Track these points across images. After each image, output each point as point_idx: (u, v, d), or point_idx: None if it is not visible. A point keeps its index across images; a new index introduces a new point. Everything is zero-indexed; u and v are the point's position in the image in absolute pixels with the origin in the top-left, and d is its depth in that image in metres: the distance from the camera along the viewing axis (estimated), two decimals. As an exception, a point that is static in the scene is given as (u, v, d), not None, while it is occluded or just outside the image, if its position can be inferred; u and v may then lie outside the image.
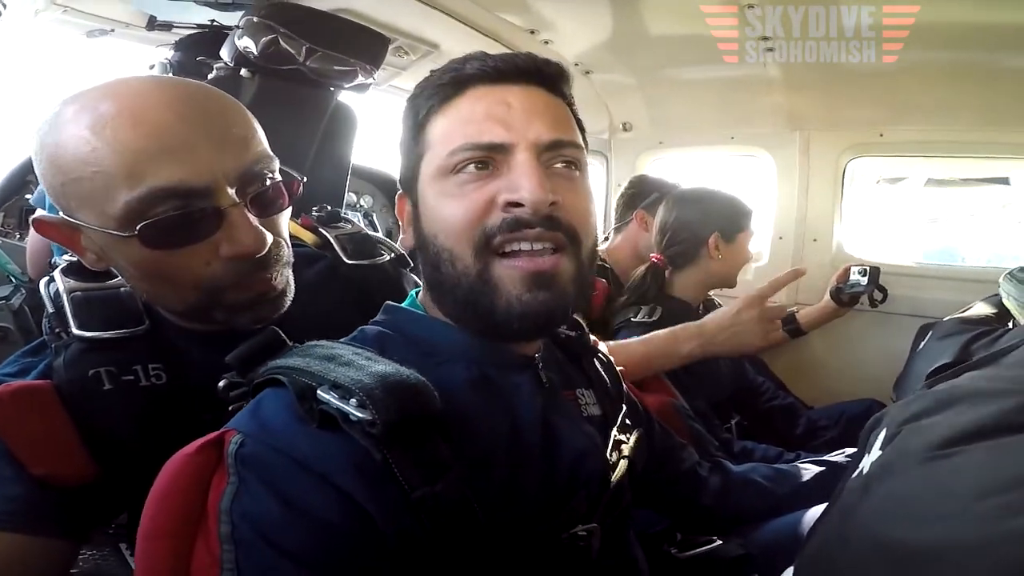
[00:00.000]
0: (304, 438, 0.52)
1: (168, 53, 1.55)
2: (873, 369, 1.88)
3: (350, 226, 1.03)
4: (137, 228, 0.64)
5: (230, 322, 0.74)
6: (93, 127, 0.63)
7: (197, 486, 0.52)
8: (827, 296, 1.95)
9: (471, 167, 0.63)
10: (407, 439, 0.52)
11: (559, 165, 0.65)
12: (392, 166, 2.48)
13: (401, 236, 0.71)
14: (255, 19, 1.27)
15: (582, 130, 0.72)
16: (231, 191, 0.67)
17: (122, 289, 0.75)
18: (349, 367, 0.55)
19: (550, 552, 0.63)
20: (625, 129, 2.37)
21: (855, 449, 1.26)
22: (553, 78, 0.69)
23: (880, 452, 0.63)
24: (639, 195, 2.00)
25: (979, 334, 1.27)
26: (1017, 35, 1.49)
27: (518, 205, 0.61)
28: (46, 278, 0.77)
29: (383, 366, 0.55)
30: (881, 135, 1.98)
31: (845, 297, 1.92)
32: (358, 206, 2.44)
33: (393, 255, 1.00)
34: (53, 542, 0.65)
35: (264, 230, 0.69)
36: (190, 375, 0.72)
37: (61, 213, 0.70)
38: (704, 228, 1.63)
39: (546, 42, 1.82)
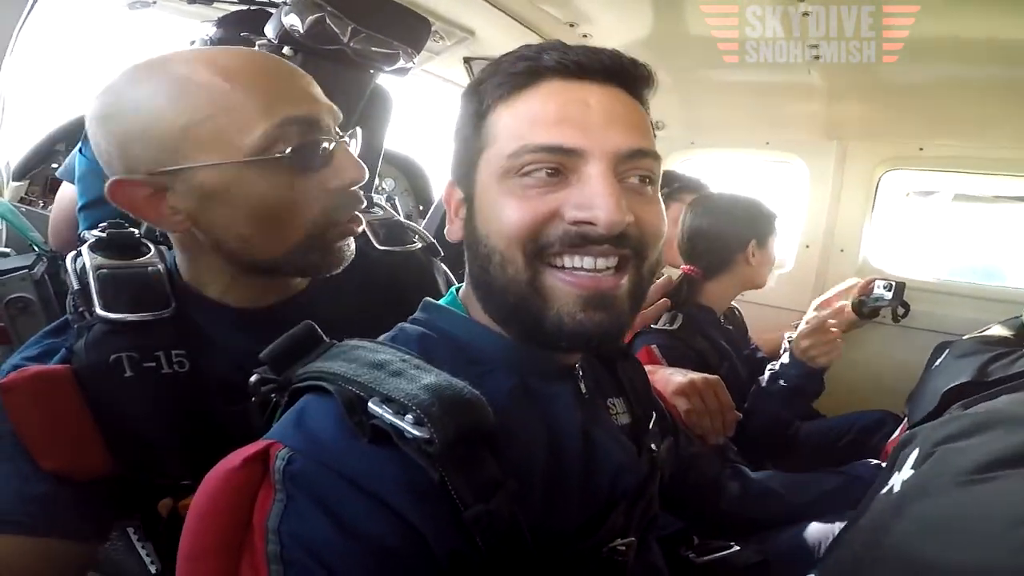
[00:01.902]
0: (355, 454, 0.50)
1: (210, 30, 1.53)
2: (889, 382, 1.86)
3: (382, 211, 1.02)
4: (288, 150, 0.69)
5: (322, 265, 0.76)
6: (224, 75, 0.68)
7: (242, 503, 0.50)
8: (847, 307, 1.91)
9: (539, 172, 0.58)
10: (462, 456, 0.51)
11: (634, 179, 0.61)
12: (414, 148, 2.47)
13: (447, 227, 0.68)
14: None
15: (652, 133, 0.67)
16: (335, 131, 0.74)
17: (149, 268, 0.75)
18: (400, 377, 0.53)
19: (590, 567, 0.62)
20: (657, 128, 2.32)
21: (875, 461, 1.29)
22: (638, 80, 0.64)
23: (912, 471, 0.63)
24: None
25: (997, 355, 1.25)
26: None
27: (589, 224, 0.57)
28: (73, 252, 0.76)
29: (435, 377, 0.53)
30: (920, 149, 1.94)
31: (867, 310, 1.91)
32: (380, 189, 2.42)
33: (424, 243, 0.99)
34: (70, 545, 0.64)
35: (362, 165, 0.74)
36: (215, 363, 0.71)
37: (143, 170, 0.69)
38: (740, 236, 1.60)
39: (584, 36, 1.78)
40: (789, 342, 1.51)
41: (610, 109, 0.60)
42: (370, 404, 0.51)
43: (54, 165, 1.73)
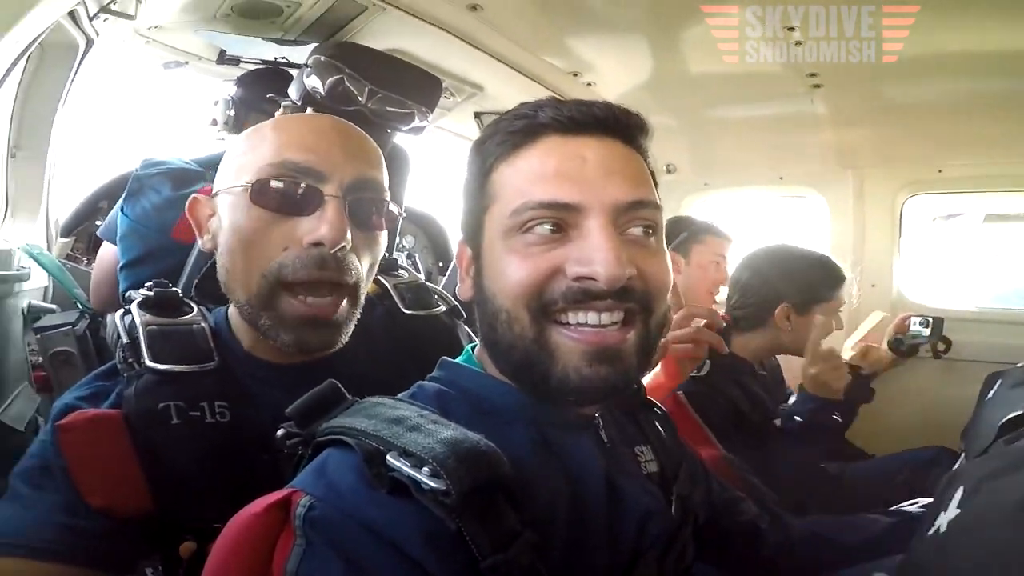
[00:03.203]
0: (374, 504, 0.51)
1: (232, 89, 1.65)
2: (938, 416, 1.77)
3: (407, 275, 1.06)
4: (254, 180, 0.75)
5: (274, 335, 0.77)
6: (282, 124, 0.82)
7: (263, 547, 0.51)
8: (883, 345, 1.86)
9: (540, 228, 0.59)
10: (479, 507, 0.51)
11: (636, 230, 0.60)
12: (432, 205, 2.54)
13: (458, 285, 0.70)
14: (323, 58, 1.35)
15: (655, 183, 0.67)
16: (338, 188, 0.76)
17: (194, 326, 0.80)
18: (417, 432, 0.53)
19: None
20: (668, 171, 2.35)
21: (929, 500, 1.18)
22: (631, 130, 0.64)
23: (959, 511, 0.60)
24: (670, 235, 1.96)
25: None
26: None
27: (590, 279, 0.57)
28: (120, 311, 0.82)
29: (451, 431, 0.53)
30: (940, 171, 1.90)
31: (905, 348, 1.85)
32: (401, 246, 2.48)
33: (448, 306, 1.02)
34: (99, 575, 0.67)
35: (347, 229, 0.75)
36: (253, 414, 0.75)
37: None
38: (774, 296, 1.51)
39: (589, 84, 1.85)
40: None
41: (607, 162, 0.61)
42: (388, 457, 0.51)
43: (97, 222, 1.79)
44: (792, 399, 1.47)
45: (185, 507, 0.70)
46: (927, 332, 1.84)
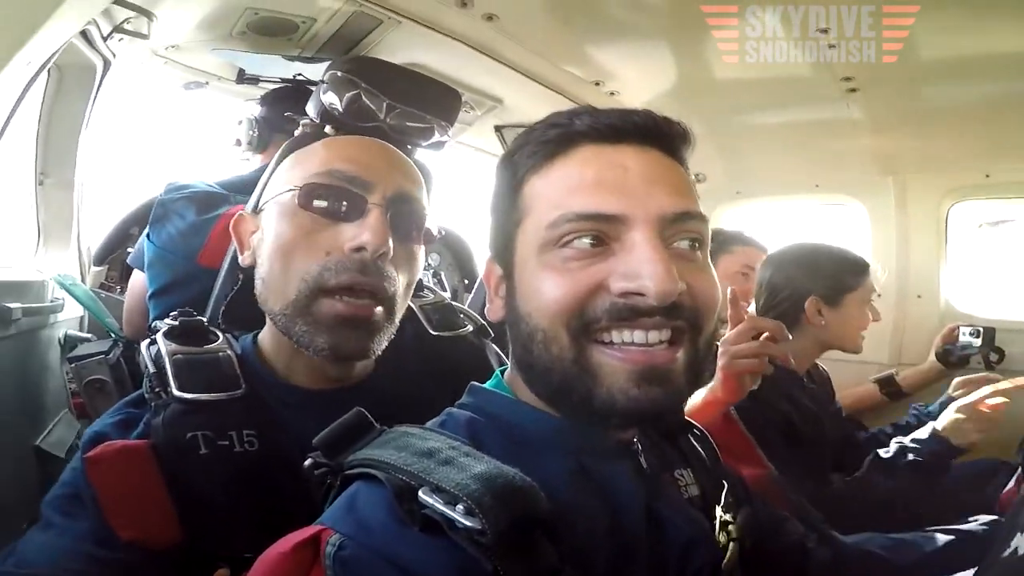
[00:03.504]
0: (406, 543, 0.49)
1: (256, 109, 1.64)
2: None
3: (432, 295, 1.06)
4: (303, 184, 0.77)
5: (309, 340, 0.76)
6: (322, 142, 0.86)
7: None
8: (932, 357, 1.83)
9: (579, 242, 0.55)
10: (516, 545, 0.48)
11: (683, 244, 0.57)
12: (456, 222, 2.51)
13: (487, 306, 0.67)
14: (339, 74, 1.33)
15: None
16: (381, 198, 0.78)
17: (221, 354, 0.80)
18: (450, 466, 0.51)
19: None
20: (698, 180, 2.27)
21: (991, 517, 1.11)
22: (673, 139, 0.61)
23: None
24: None
25: None
26: None
27: (638, 295, 0.54)
28: (147, 340, 0.82)
29: (484, 465, 0.51)
30: (987, 176, 1.81)
31: (954, 359, 1.81)
32: (426, 264, 2.46)
33: (475, 326, 1.01)
34: None
35: (388, 237, 0.76)
36: (282, 442, 0.74)
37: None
38: (800, 291, 1.49)
39: (612, 93, 1.80)
40: (918, 412, 1.44)
41: (649, 172, 0.57)
42: (420, 494, 0.49)
43: (129, 249, 1.78)
44: (917, 435, 1.41)
45: (215, 537, 0.69)
46: (978, 342, 1.79)
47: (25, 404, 1.37)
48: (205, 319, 0.86)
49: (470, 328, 1.00)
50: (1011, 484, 1.40)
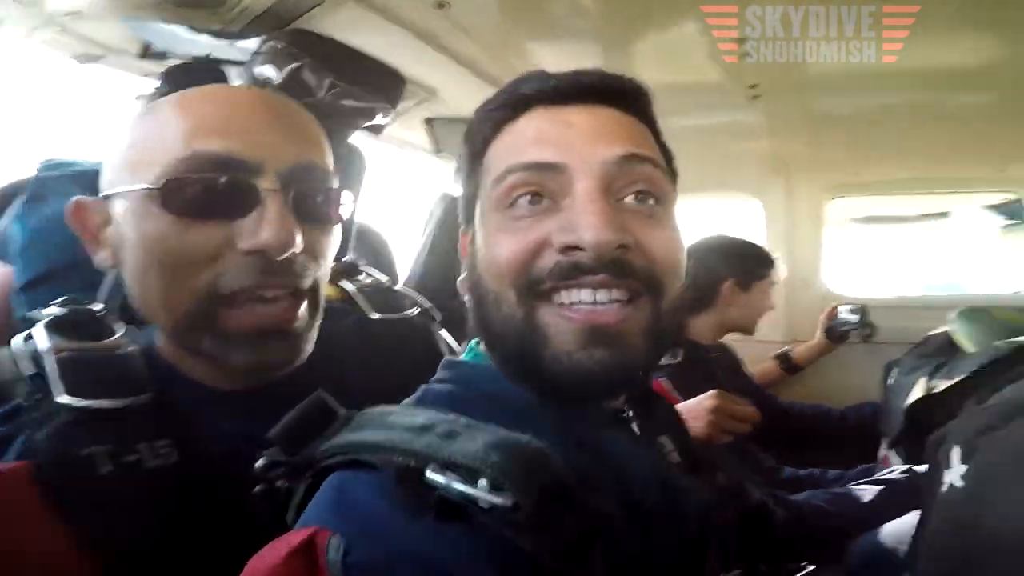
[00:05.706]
0: (421, 535, 0.43)
1: (157, 85, 1.46)
2: (869, 396, 1.91)
3: (370, 278, 0.97)
4: (163, 182, 0.60)
5: (222, 357, 0.64)
6: (175, 103, 0.65)
7: None
8: (819, 333, 2.08)
9: (523, 199, 0.55)
10: (548, 519, 0.43)
11: (632, 198, 0.56)
12: (376, 220, 2.41)
13: (459, 279, 0.65)
14: (279, 45, 1.23)
15: (669, 161, 0.63)
16: (276, 179, 0.63)
17: (121, 350, 0.65)
18: (457, 439, 0.46)
19: None
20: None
21: (904, 466, 1.28)
22: (627, 95, 0.61)
23: (967, 465, 0.61)
24: None
25: (936, 367, 1.42)
26: (952, 78, 1.59)
27: (577, 248, 0.52)
28: (22, 335, 0.64)
29: (493, 434, 0.46)
30: (856, 174, 2.11)
31: (836, 335, 2.06)
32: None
33: (420, 308, 0.94)
34: None
35: (295, 230, 0.63)
36: (207, 449, 0.62)
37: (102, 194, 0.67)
38: (718, 274, 1.69)
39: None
40: None
41: (596, 125, 0.57)
42: (428, 473, 0.44)
43: None
44: None
45: (135, 571, 0.56)
46: (855, 318, 2.04)
47: None
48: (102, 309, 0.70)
49: (415, 311, 0.94)
50: (881, 452, 1.60)
